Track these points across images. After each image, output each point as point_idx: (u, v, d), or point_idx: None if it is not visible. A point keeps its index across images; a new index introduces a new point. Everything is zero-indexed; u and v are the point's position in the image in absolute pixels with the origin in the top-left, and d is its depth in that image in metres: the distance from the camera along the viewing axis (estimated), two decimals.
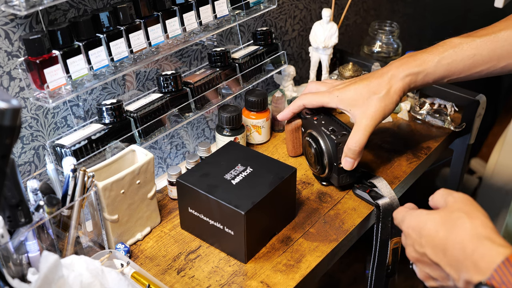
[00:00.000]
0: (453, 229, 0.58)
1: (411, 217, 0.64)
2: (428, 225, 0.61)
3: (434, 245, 0.59)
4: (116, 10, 0.94)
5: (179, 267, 0.92)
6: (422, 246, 0.61)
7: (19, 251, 0.79)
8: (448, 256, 0.57)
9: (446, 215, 0.60)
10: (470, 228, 0.57)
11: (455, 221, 0.58)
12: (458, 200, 0.61)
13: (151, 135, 1.03)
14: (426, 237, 0.60)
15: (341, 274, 1.77)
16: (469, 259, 0.55)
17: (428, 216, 0.62)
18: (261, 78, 1.24)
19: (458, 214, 0.59)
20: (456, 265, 0.56)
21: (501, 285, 0.52)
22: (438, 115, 1.28)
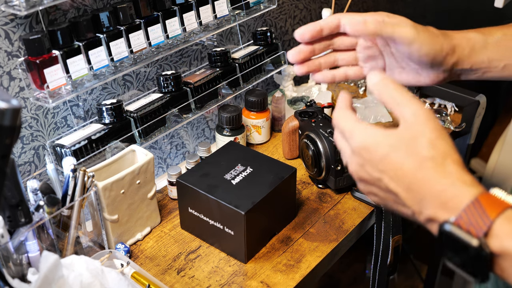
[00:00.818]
0: (421, 166, 0.53)
1: (365, 135, 0.57)
2: (392, 155, 0.54)
3: (397, 177, 0.54)
4: (116, 10, 0.94)
5: (179, 267, 0.92)
6: (380, 172, 0.55)
7: (19, 251, 0.79)
8: (413, 191, 0.53)
9: (411, 144, 0.54)
10: (441, 169, 0.52)
11: (423, 158, 0.53)
12: (420, 120, 0.54)
13: (151, 135, 1.03)
14: (387, 165, 0.54)
15: (341, 274, 1.77)
16: (436, 198, 0.52)
17: (388, 140, 0.55)
18: (261, 78, 1.24)
19: (427, 149, 0.53)
20: (420, 201, 0.53)
21: (469, 226, 0.49)
22: (438, 115, 1.28)
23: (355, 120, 0.59)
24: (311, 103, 1.18)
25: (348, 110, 0.61)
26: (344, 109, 0.61)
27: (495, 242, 0.48)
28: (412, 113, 0.54)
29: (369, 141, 0.56)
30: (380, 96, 0.58)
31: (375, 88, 0.58)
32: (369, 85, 0.59)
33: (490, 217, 0.49)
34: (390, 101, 0.57)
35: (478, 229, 0.49)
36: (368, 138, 0.56)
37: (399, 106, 0.56)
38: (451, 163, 0.53)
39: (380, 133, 0.56)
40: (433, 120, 0.55)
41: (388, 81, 0.58)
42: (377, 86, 0.58)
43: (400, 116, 0.56)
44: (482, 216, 0.49)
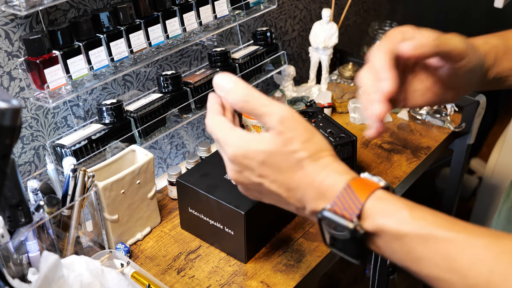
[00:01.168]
0: (299, 166, 0.55)
1: (240, 142, 0.56)
2: (270, 161, 0.55)
3: (277, 180, 0.56)
4: (116, 10, 0.94)
5: (179, 267, 0.92)
6: (259, 177, 0.57)
7: (19, 251, 0.79)
8: (293, 190, 0.56)
9: (286, 148, 0.55)
10: (317, 164, 0.55)
11: (300, 158, 0.55)
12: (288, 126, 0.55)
13: (151, 135, 1.03)
14: (266, 171, 0.56)
15: (341, 274, 1.77)
16: (315, 191, 0.54)
17: (264, 146, 0.55)
18: (261, 78, 1.24)
19: (301, 151, 0.55)
20: (302, 197, 0.56)
21: (343, 210, 0.52)
22: (438, 115, 1.28)
23: (228, 127, 0.58)
24: (311, 103, 1.18)
25: (218, 115, 0.60)
26: (215, 115, 0.60)
27: (368, 222, 0.51)
28: (279, 121, 0.55)
29: (244, 148, 0.56)
30: (238, 108, 0.57)
31: (230, 100, 0.58)
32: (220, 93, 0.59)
33: (360, 200, 0.52)
34: (251, 113, 0.57)
35: (351, 212, 0.52)
36: (244, 145, 0.56)
37: (262, 116, 0.56)
38: (325, 156, 0.56)
39: (255, 140, 0.56)
40: (300, 123, 0.56)
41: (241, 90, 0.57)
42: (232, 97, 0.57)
43: (268, 126, 0.56)
44: (354, 200, 0.52)
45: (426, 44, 0.61)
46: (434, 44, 0.61)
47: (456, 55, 0.63)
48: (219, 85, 0.59)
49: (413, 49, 0.60)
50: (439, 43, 0.61)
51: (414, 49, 0.60)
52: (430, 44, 0.61)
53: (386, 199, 0.52)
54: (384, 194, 0.53)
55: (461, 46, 0.63)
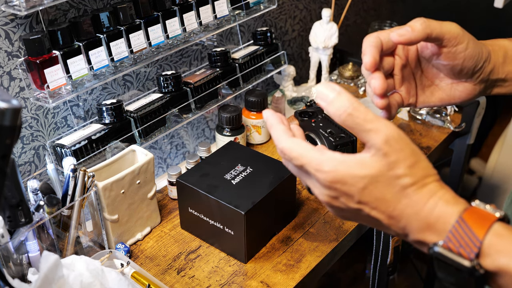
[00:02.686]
0: (403, 194, 0.50)
1: (336, 166, 0.51)
2: (371, 187, 0.50)
3: (379, 207, 0.51)
4: (116, 10, 0.94)
5: (179, 267, 0.92)
6: (359, 203, 0.52)
7: (19, 251, 0.79)
8: (396, 218, 0.51)
9: (389, 173, 0.50)
10: (423, 192, 0.50)
11: (405, 185, 0.50)
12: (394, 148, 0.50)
13: (151, 135, 1.03)
14: (367, 197, 0.51)
15: (341, 274, 1.77)
16: (421, 222, 0.50)
17: (364, 172, 0.50)
18: (261, 78, 1.24)
19: (406, 176, 0.50)
20: (405, 226, 0.51)
21: (459, 248, 0.48)
22: (438, 115, 1.28)
23: (312, 149, 0.53)
24: (311, 103, 1.18)
25: (291, 138, 0.54)
26: (287, 138, 0.55)
27: (487, 261, 0.47)
28: (384, 141, 0.50)
29: (343, 173, 0.51)
30: (340, 120, 0.52)
31: (331, 110, 0.52)
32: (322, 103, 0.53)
33: (478, 237, 0.47)
34: (354, 127, 0.51)
35: (468, 250, 0.47)
36: (342, 170, 0.51)
37: (366, 133, 0.50)
38: (431, 182, 0.51)
39: (353, 163, 0.51)
40: (407, 144, 0.51)
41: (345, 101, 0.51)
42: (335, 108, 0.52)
43: (370, 144, 0.51)
44: (470, 236, 0.48)
45: (413, 28, 0.62)
46: (422, 27, 0.62)
47: (451, 39, 0.64)
48: (322, 94, 0.52)
49: (399, 35, 0.62)
50: (427, 26, 0.62)
51: (400, 35, 0.62)
52: (417, 28, 0.62)
53: (507, 236, 0.48)
54: (504, 230, 0.48)
55: (455, 31, 0.64)
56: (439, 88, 0.71)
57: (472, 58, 0.66)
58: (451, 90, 0.70)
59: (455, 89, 0.70)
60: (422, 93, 0.71)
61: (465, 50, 0.65)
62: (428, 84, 0.71)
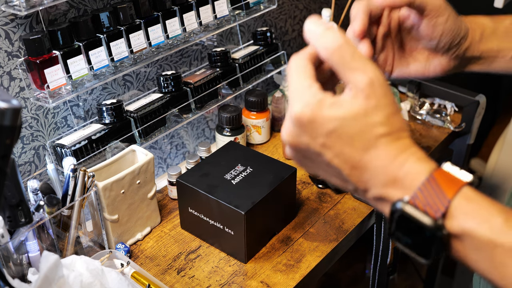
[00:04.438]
0: (374, 144, 0.47)
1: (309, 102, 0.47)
2: (340, 131, 0.47)
3: (343, 154, 0.47)
4: (116, 10, 0.94)
5: (179, 267, 0.92)
6: (322, 146, 0.48)
7: (19, 251, 0.79)
8: (360, 169, 0.48)
9: (365, 119, 0.46)
10: (395, 145, 0.47)
11: (378, 135, 0.46)
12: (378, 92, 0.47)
13: (151, 135, 1.03)
14: (333, 141, 0.47)
15: (341, 274, 1.77)
16: (387, 176, 0.47)
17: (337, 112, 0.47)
18: (261, 78, 1.24)
19: (383, 126, 0.46)
20: (368, 180, 0.48)
21: (425, 205, 0.45)
22: (438, 115, 1.28)
23: (307, 77, 0.49)
24: None
25: (306, 60, 0.50)
26: (302, 58, 0.50)
27: (453, 223, 0.45)
28: (369, 82, 0.46)
29: (315, 111, 0.47)
30: (327, 54, 0.47)
31: (320, 43, 0.48)
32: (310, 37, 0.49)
33: (447, 196, 0.45)
34: (339, 62, 0.47)
35: (435, 209, 0.45)
36: (315, 108, 0.47)
37: (352, 70, 0.47)
38: (405, 137, 0.48)
39: (331, 104, 0.47)
40: (389, 92, 0.48)
41: (337, 34, 0.47)
42: (324, 40, 0.47)
43: (352, 84, 0.47)
44: (439, 195, 0.45)
45: None
46: None
47: (432, 9, 0.64)
48: (311, 29, 0.49)
49: None
50: None
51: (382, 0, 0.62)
52: None
53: (476, 200, 0.46)
54: (473, 194, 0.46)
55: (438, 2, 0.64)
56: (415, 60, 0.71)
57: (450, 33, 0.67)
58: (427, 63, 0.71)
59: (431, 63, 0.71)
60: (398, 63, 0.71)
61: (445, 23, 0.66)
62: (405, 55, 0.71)
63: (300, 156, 0.52)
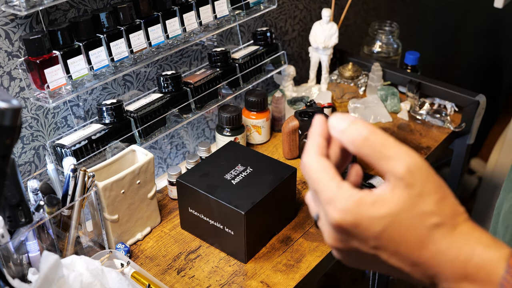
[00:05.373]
0: (430, 238, 0.42)
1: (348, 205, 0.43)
2: (390, 230, 0.42)
3: (399, 254, 0.43)
4: (116, 10, 0.94)
5: (179, 267, 0.92)
6: (375, 249, 0.44)
7: (20, 251, 0.79)
8: (421, 265, 0.43)
9: (412, 212, 0.42)
10: (454, 236, 0.42)
11: (431, 226, 0.42)
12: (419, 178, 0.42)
13: (151, 135, 1.03)
14: (385, 242, 0.43)
15: (341, 274, 1.77)
16: (456, 270, 0.42)
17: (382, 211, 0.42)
18: (261, 78, 1.24)
19: (433, 215, 0.42)
20: (434, 276, 0.43)
21: None
22: (438, 115, 1.28)
23: (332, 177, 0.44)
24: (311, 103, 1.18)
25: (320, 157, 0.46)
26: (316, 155, 0.46)
27: None
28: (407, 169, 0.42)
29: (357, 215, 0.42)
30: (355, 148, 0.44)
31: (345, 137, 0.44)
32: (335, 134, 0.45)
33: None
34: (371, 154, 0.43)
35: None
36: (355, 211, 0.42)
37: (386, 160, 0.42)
38: (463, 222, 0.43)
39: (372, 202, 0.42)
40: (432, 175, 0.43)
41: (361, 126, 0.44)
42: (349, 134, 0.44)
43: (389, 174, 0.42)
44: None
45: None
46: None
47: None
48: (334, 124, 0.45)
49: None
50: None
51: None
52: None
53: None
54: None
55: None
56: None
57: None
58: None
59: None
60: None
61: None
62: None
63: (353, 259, 0.48)
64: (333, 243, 0.46)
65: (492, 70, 2.46)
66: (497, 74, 2.48)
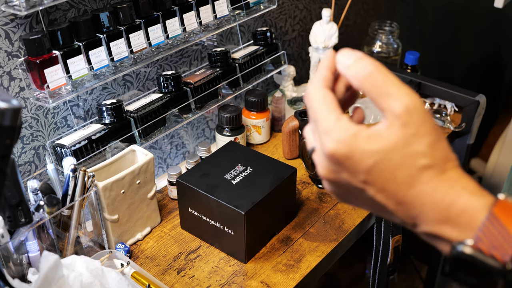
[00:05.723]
0: (418, 178, 0.43)
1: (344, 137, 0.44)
2: (381, 166, 0.43)
3: (387, 190, 0.44)
4: (116, 10, 0.94)
5: (179, 267, 0.92)
6: (363, 183, 0.44)
7: (19, 251, 0.79)
8: (406, 204, 0.44)
9: (405, 150, 0.42)
10: (442, 179, 0.43)
11: (421, 167, 0.43)
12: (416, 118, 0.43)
13: (151, 135, 1.03)
14: (374, 177, 0.44)
15: (341, 274, 1.77)
16: (439, 213, 0.43)
17: (375, 146, 0.43)
18: (261, 78, 1.24)
19: (425, 156, 0.42)
20: (417, 216, 0.44)
21: (491, 249, 0.41)
22: (438, 115, 1.28)
23: (332, 109, 0.45)
24: None
25: (324, 88, 0.47)
26: (320, 86, 0.47)
27: None
28: (405, 108, 0.42)
29: (350, 147, 0.43)
30: (358, 83, 0.45)
31: (350, 72, 0.45)
32: (341, 68, 0.46)
33: None
34: (372, 90, 0.44)
35: (503, 252, 0.41)
36: (350, 143, 0.43)
37: (386, 97, 0.43)
38: (452, 168, 0.44)
39: (367, 136, 0.43)
40: (430, 117, 0.44)
41: (367, 62, 0.44)
42: (354, 69, 0.45)
43: (387, 111, 0.43)
44: (505, 235, 0.41)
45: None
46: None
47: None
48: (341, 59, 0.46)
49: None
50: None
51: None
52: None
53: None
54: None
55: None
56: None
57: None
58: None
59: None
60: None
61: None
62: None
63: (341, 191, 0.49)
64: (325, 173, 0.47)
65: (492, 70, 2.46)
66: (497, 74, 2.48)
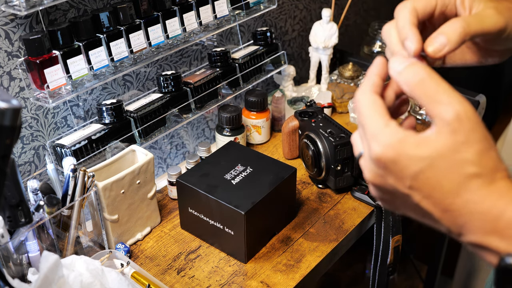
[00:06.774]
0: (466, 186, 0.42)
1: (392, 142, 0.44)
2: (428, 173, 0.43)
3: (433, 198, 0.43)
4: (116, 10, 0.94)
5: (179, 267, 0.92)
6: (410, 188, 0.44)
7: (19, 251, 0.79)
8: (452, 212, 0.43)
9: (453, 158, 0.42)
10: (490, 189, 0.42)
11: (469, 175, 0.42)
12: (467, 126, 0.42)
13: (151, 135, 1.03)
14: (421, 183, 0.44)
15: (341, 274, 1.77)
16: (486, 223, 0.42)
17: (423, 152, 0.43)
18: (261, 78, 1.24)
19: (473, 164, 0.42)
20: (463, 225, 0.43)
21: None
22: None
23: (381, 115, 0.46)
24: (311, 103, 1.18)
25: (373, 94, 0.47)
26: (369, 92, 0.47)
27: None
28: (456, 115, 0.42)
29: (398, 151, 0.44)
30: (409, 89, 0.45)
31: (401, 78, 0.46)
32: (392, 74, 0.46)
33: None
34: (423, 97, 0.44)
35: None
36: (397, 148, 0.44)
37: (436, 104, 0.43)
38: (502, 179, 0.43)
39: (415, 142, 0.43)
40: (480, 126, 0.43)
41: (419, 68, 0.45)
42: (405, 75, 0.45)
43: (437, 118, 0.43)
44: None
45: (450, 40, 0.49)
46: (460, 38, 0.49)
47: (494, 34, 0.53)
48: (392, 67, 0.47)
49: (435, 52, 0.49)
50: (466, 33, 0.49)
51: (436, 51, 0.49)
52: (454, 40, 0.49)
53: None
54: None
55: (500, 25, 0.52)
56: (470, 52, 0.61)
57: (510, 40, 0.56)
58: (484, 56, 0.61)
59: (488, 56, 0.61)
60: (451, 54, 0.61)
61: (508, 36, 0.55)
62: None
63: (387, 197, 0.49)
64: (372, 178, 0.47)
65: (492, 70, 2.46)
66: (497, 74, 2.47)
